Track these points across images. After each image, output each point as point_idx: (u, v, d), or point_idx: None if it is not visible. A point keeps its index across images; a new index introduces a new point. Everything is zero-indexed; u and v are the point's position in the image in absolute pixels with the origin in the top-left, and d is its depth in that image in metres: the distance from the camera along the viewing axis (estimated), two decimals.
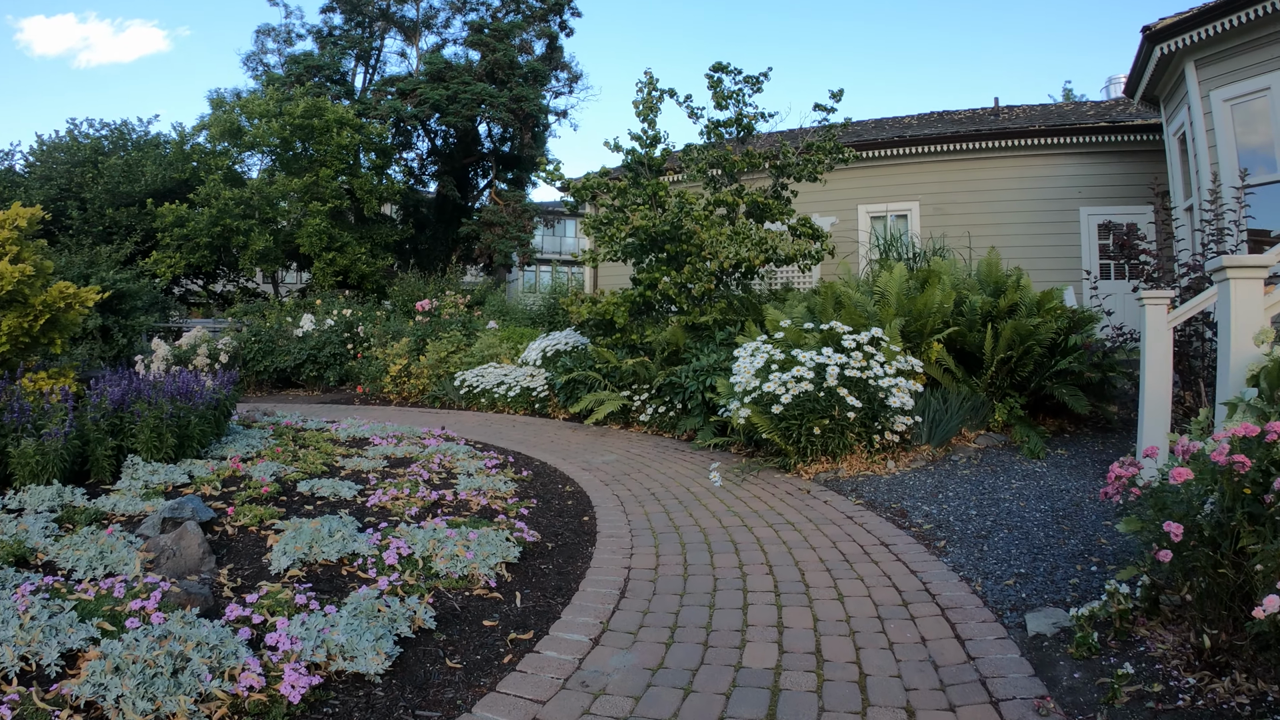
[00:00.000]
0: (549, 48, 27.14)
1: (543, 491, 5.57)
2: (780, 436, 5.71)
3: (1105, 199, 13.40)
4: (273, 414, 9.32)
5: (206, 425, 6.15)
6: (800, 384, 5.39)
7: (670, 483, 5.90)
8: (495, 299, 16.04)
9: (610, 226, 8.23)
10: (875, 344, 5.96)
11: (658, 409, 8.03)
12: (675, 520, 4.84)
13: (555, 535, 4.47)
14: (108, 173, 18.71)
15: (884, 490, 5.55)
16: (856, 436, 5.87)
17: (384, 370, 12.14)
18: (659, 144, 9.62)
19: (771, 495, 5.43)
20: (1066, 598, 3.65)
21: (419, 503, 4.63)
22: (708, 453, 7.02)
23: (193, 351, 13.21)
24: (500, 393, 10.26)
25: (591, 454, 7.12)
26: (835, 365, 5.42)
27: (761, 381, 5.56)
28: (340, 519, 4.00)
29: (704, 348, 7.82)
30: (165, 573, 3.62)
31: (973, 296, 7.56)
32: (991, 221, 13.60)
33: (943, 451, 6.55)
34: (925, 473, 5.97)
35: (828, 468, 5.91)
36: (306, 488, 4.89)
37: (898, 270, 7.65)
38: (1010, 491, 5.50)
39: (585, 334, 10.01)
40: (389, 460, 6.15)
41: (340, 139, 19.97)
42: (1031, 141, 13.48)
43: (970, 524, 4.79)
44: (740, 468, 6.27)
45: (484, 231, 23.26)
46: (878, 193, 14.43)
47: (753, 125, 9.57)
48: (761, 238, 7.92)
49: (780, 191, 10.18)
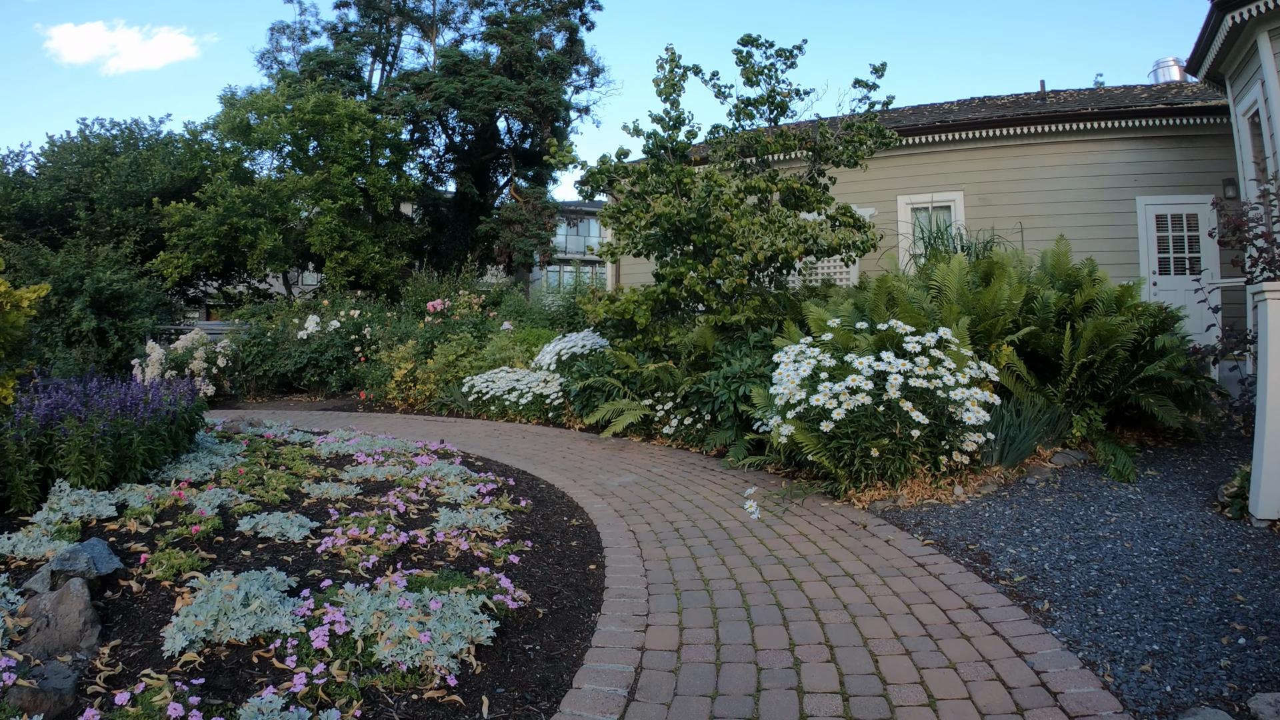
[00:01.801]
0: (569, 41, 26.28)
1: (543, 527, 4.63)
2: (829, 459, 4.74)
3: (1163, 187, 12.33)
4: (260, 424, 8.51)
5: (157, 443, 5.30)
6: (856, 396, 4.42)
7: (697, 513, 4.95)
8: (512, 299, 15.18)
9: (629, 214, 7.29)
10: (941, 346, 4.98)
11: (683, 420, 7.08)
12: (704, 569, 3.87)
13: (550, 594, 3.52)
14: (115, 172, 18.11)
15: (955, 524, 4.58)
16: (919, 458, 4.89)
17: (389, 375, 11.30)
18: (683, 126, 8.67)
19: (820, 532, 4.46)
20: (1223, 689, 2.69)
21: (382, 548, 3.70)
22: (740, 473, 6.05)
23: (189, 355, 12.46)
24: (511, 400, 9.37)
25: (607, 473, 6.19)
26: (898, 373, 4.44)
27: (808, 393, 4.60)
28: (268, 576, 3.09)
29: (736, 351, 6.87)
30: (32, 649, 2.75)
31: (1044, 292, 6.55)
32: (1042, 213, 12.52)
33: (1016, 473, 5.55)
34: (1000, 501, 4.99)
35: (885, 495, 4.94)
36: (249, 526, 3.99)
37: (957, 262, 6.66)
38: (1108, 527, 4.51)
39: (605, 336, 9.09)
40: (365, 485, 5.26)
41: (352, 134, 19.23)
42: (1084, 125, 12.39)
43: (1072, 574, 3.81)
44: (780, 493, 5.31)
45: (503, 229, 22.42)
46: (918, 182, 13.39)
47: (786, 103, 8.60)
48: (800, 226, 6.95)
49: (817, 178, 9.20)
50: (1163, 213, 12.25)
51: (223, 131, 19.57)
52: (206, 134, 19.87)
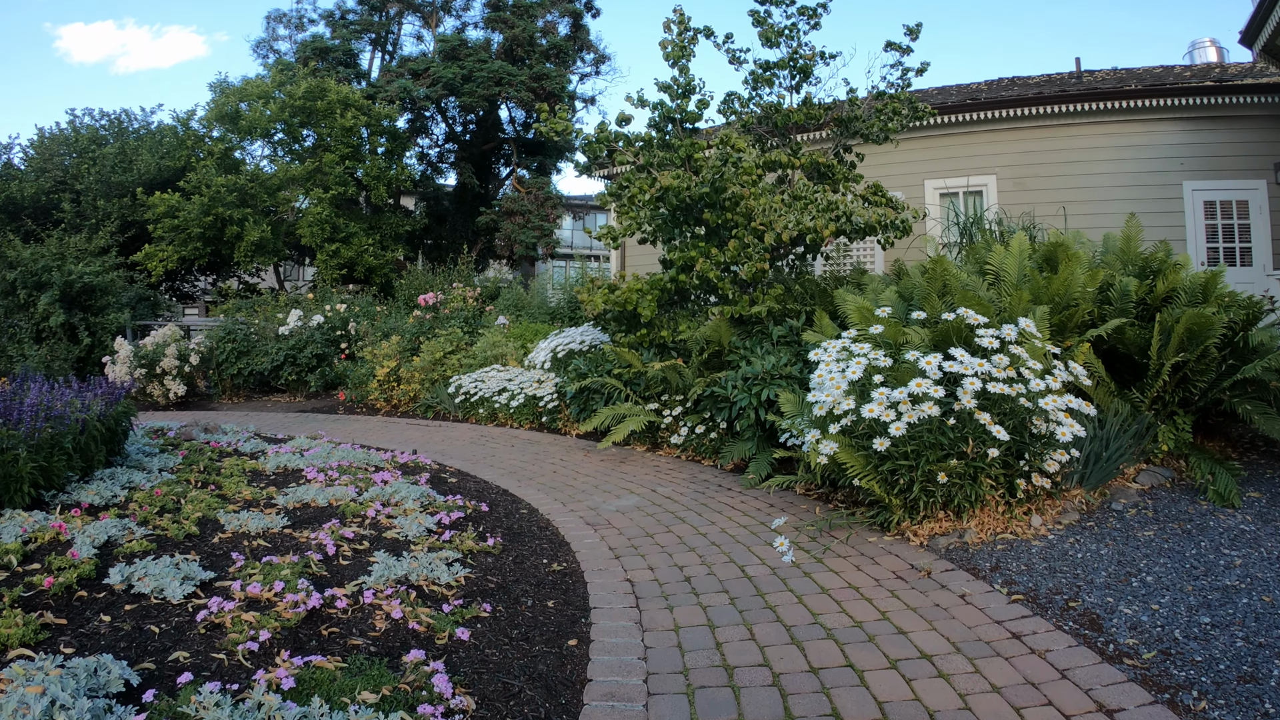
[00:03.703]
0: (573, 27, 25.22)
1: (513, 575, 3.61)
2: (882, 485, 3.74)
3: (1211, 171, 11.33)
4: (217, 429, 7.57)
5: (58, 458, 4.35)
6: (920, 406, 3.41)
7: (714, 553, 3.95)
8: (511, 293, 14.18)
9: (631, 189, 6.29)
10: (1021, 342, 3.97)
11: (694, 429, 6.08)
12: (727, 650, 2.85)
13: (507, 696, 2.47)
14: (100, 162, 17.21)
15: (1041, 568, 3.58)
16: (993, 482, 3.89)
17: (371, 374, 10.34)
18: (693, 95, 7.66)
19: (874, 583, 3.46)
20: None
21: (284, 615, 2.69)
22: (764, 495, 5.04)
23: (160, 353, 11.52)
24: (502, 402, 8.39)
25: (603, 493, 5.20)
26: (975, 376, 3.44)
27: (858, 402, 3.59)
28: (95, 672, 2.11)
29: (755, 348, 5.86)
30: None
31: (1121, 279, 5.54)
32: (1082, 198, 11.49)
33: (1098, 497, 4.55)
34: (1088, 534, 3.99)
35: (948, 528, 3.94)
36: (119, 578, 2.99)
37: (1018, 242, 5.64)
38: (1234, 572, 3.52)
39: (607, 331, 8.09)
40: (299, 513, 4.28)
41: (344, 121, 18.24)
42: (1128, 104, 11.37)
43: (1214, 646, 2.83)
44: (815, 524, 4.30)
45: (504, 221, 21.42)
46: (947, 166, 12.35)
47: (810, 67, 7.58)
48: (831, 202, 5.94)
49: (843, 155, 8.20)
50: (1211, 199, 11.30)
51: (210, 119, 18.62)
52: (193, 122, 18.92)
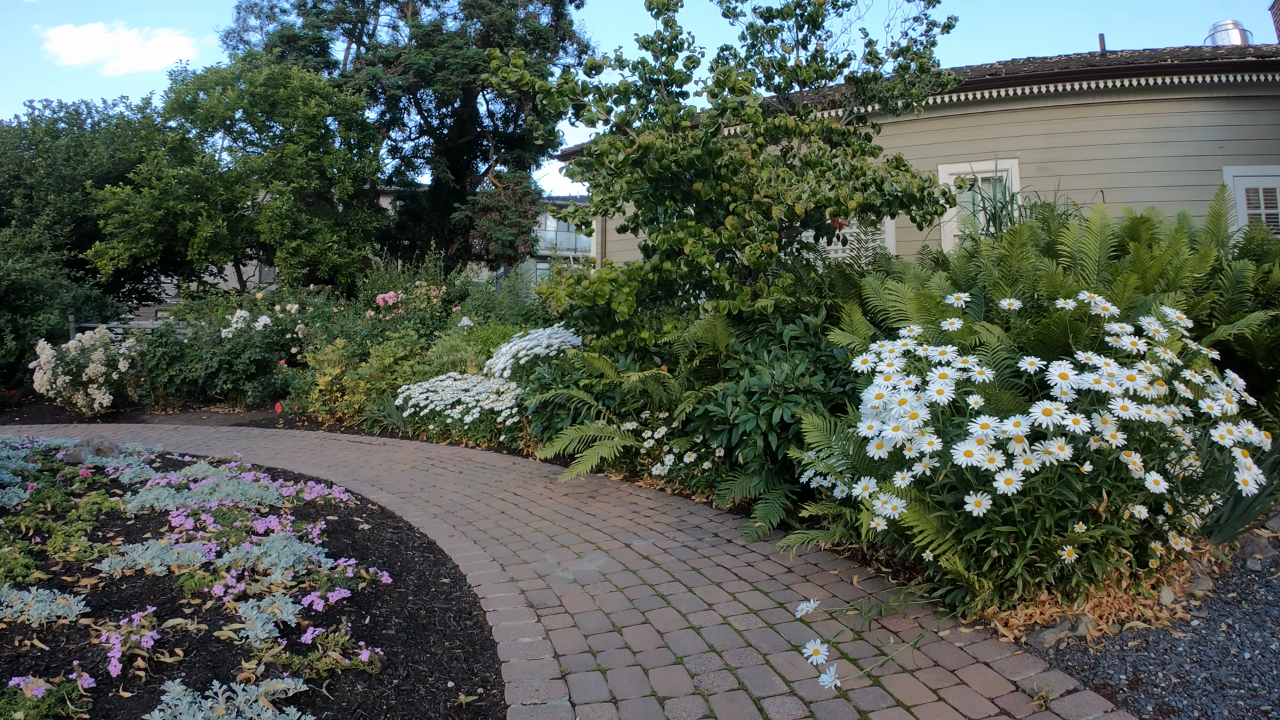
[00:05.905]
0: (555, 16, 23.96)
1: (395, 715, 2.31)
2: (967, 560, 2.46)
3: (1254, 156, 10.23)
4: (112, 450, 6.24)
5: None
6: (1047, 445, 2.13)
7: (715, 668, 2.64)
8: (481, 292, 12.88)
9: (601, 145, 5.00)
10: (1163, 343, 2.70)
11: (682, 456, 4.80)
12: None
13: None
14: (52, 154, 15.85)
15: (1198, 679, 2.32)
16: (1121, 550, 2.63)
17: (314, 383, 9.02)
18: (680, 51, 6.39)
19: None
20: None
21: None
22: (779, 555, 3.74)
23: (85, 358, 10.17)
24: (455, 416, 7.09)
25: (560, 549, 3.89)
26: (1126, 396, 2.17)
27: (947, 442, 2.29)
28: None
29: (761, 352, 4.57)
30: None
31: (1233, 263, 4.32)
32: (1113, 184, 10.27)
33: (1229, 554, 3.29)
34: (1238, 612, 2.72)
35: (1054, 613, 2.66)
36: None
37: (1097, 217, 4.41)
38: None
39: (579, 331, 6.79)
40: (119, 587, 2.97)
41: (308, 109, 16.89)
42: (1162, 80, 10.22)
43: None
44: (859, 608, 3.02)
45: (479, 217, 20.08)
46: (964, 149, 11.15)
47: (820, 16, 6.32)
48: (855, 167, 4.67)
49: (858, 125, 6.95)
50: (1254, 186, 10.22)
51: (167, 108, 17.24)
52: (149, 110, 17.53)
